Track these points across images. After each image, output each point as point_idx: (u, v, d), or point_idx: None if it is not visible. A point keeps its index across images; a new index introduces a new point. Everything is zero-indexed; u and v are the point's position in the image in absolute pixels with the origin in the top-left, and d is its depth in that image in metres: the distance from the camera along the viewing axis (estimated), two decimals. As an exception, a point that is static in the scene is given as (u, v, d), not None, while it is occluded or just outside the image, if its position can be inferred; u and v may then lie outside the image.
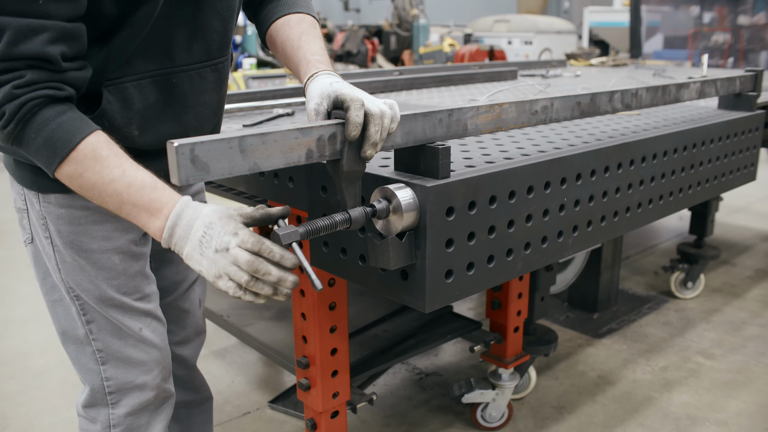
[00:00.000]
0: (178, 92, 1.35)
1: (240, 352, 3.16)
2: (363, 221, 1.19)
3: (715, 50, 7.03)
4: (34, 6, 1.07)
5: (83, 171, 1.13)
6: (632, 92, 1.78)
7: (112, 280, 1.41)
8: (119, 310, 1.44)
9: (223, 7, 1.37)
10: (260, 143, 1.04)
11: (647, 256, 4.45)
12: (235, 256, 1.08)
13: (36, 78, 1.09)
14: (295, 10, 1.49)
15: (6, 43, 1.06)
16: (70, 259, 1.39)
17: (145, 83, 1.30)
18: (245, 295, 1.12)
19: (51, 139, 1.11)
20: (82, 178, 1.13)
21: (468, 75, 3.31)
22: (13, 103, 1.09)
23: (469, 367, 2.98)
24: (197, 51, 1.36)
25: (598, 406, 2.68)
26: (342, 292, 1.81)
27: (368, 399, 2.02)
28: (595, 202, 1.64)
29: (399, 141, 1.24)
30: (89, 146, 1.12)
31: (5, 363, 3.09)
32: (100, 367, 1.47)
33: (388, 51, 11.22)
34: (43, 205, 1.37)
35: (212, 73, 1.41)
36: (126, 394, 1.50)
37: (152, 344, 1.49)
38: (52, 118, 1.11)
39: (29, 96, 1.09)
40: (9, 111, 1.09)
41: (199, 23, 1.34)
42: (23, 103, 1.09)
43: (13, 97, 1.09)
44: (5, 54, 1.07)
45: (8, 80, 1.08)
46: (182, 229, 1.12)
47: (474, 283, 1.36)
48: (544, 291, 2.52)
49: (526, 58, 10.30)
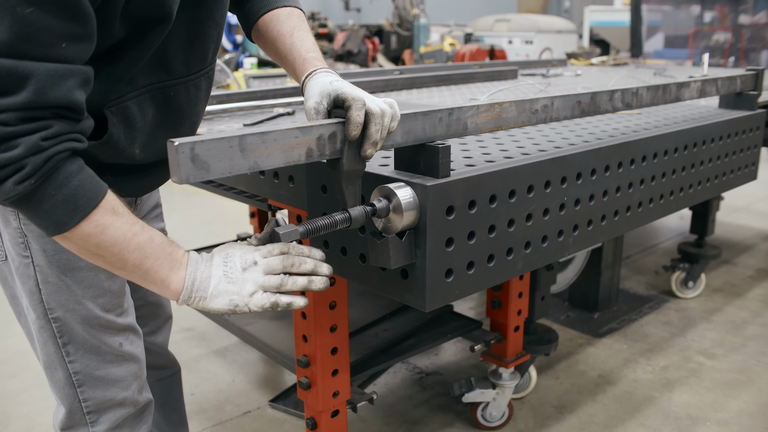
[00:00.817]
0: (174, 105, 1.32)
1: (240, 351, 3.16)
2: (363, 220, 1.19)
3: (715, 49, 7.02)
4: (59, 50, 0.99)
5: (105, 228, 1.07)
6: (633, 91, 1.78)
7: (98, 298, 1.38)
8: (102, 329, 1.40)
9: (220, 15, 1.35)
10: (260, 142, 1.04)
11: (648, 256, 4.44)
12: (266, 263, 1.14)
13: (62, 129, 1.02)
14: (282, 3, 1.47)
15: (34, 90, 0.96)
16: (55, 278, 1.33)
17: (143, 98, 1.26)
18: (282, 298, 1.15)
19: (74, 196, 1.03)
20: (103, 235, 1.07)
21: (468, 74, 3.31)
22: (39, 156, 0.98)
23: (469, 367, 2.98)
24: (194, 61, 1.33)
25: (599, 405, 2.68)
26: (342, 291, 1.81)
27: (368, 398, 2.02)
28: (595, 201, 1.64)
29: (399, 140, 1.24)
30: (109, 203, 1.08)
31: (7, 362, 3.09)
32: (76, 390, 1.42)
33: (388, 50, 11.22)
34: (24, 223, 1.30)
35: (205, 81, 1.39)
36: (106, 411, 1.46)
37: (131, 357, 1.47)
38: (74, 173, 1.04)
39: (57, 149, 1.01)
40: (32, 165, 0.98)
41: (198, 34, 1.31)
42: (50, 156, 1.00)
43: (39, 149, 0.98)
44: (33, 102, 0.97)
45: (34, 130, 0.98)
46: (202, 272, 1.15)
47: (474, 283, 1.36)
48: (544, 290, 2.52)
49: (526, 57, 10.30)
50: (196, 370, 2.99)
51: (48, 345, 1.39)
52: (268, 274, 1.15)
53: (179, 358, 3.08)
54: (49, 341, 1.38)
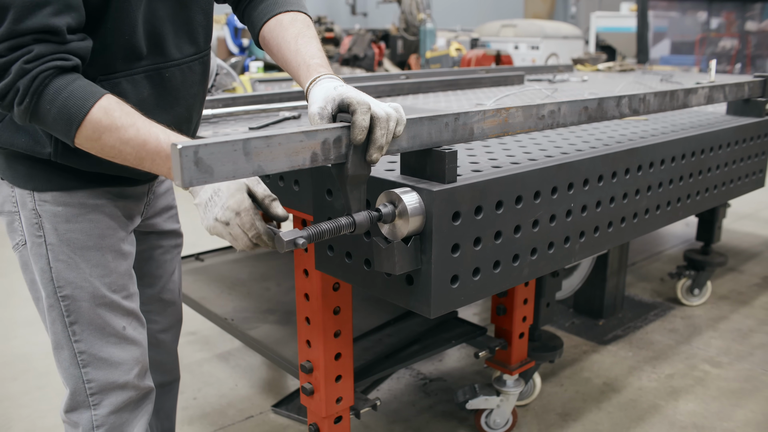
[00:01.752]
0: (170, 86, 1.41)
1: (244, 355, 3.15)
2: (367, 225, 1.18)
3: (722, 56, 7.01)
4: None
5: (100, 134, 1.16)
6: (640, 97, 1.77)
7: (104, 278, 1.46)
8: (108, 308, 1.48)
9: (205, 2, 1.46)
10: (265, 146, 1.03)
11: (653, 263, 4.42)
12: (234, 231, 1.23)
13: (44, 51, 1.13)
14: (285, 8, 1.47)
15: (11, 20, 1.10)
16: (65, 257, 1.42)
17: (138, 78, 1.35)
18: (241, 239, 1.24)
19: (65, 107, 1.14)
20: (101, 140, 1.17)
21: (475, 79, 3.31)
22: (25, 78, 1.12)
23: (473, 373, 2.96)
24: (186, 46, 1.44)
25: (603, 413, 2.66)
26: (347, 296, 1.80)
27: (372, 404, 2.01)
28: (602, 208, 1.63)
29: (405, 145, 1.23)
30: (101, 110, 1.16)
31: (9, 364, 3.09)
32: (80, 371, 1.50)
33: (394, 55, 11.22)
34: (38, 204, 1.40)
35: (200, 66, 1.49)
36: (108, 394, 1.53)
37: (134, 342, 1.54)
38: (63, 87, 1.15)
39: (39, 69, 1.13)
40: (23, 86, 1.12)
41: (185, 19, 1.42)
42: (35, 76, 1.12)
43: (25, 72, 1.12)
44: (12, 31, 1.10)
45: (17, 57, 1.12)
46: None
47: (480, 289, 1.35)
48: (549, 297, 2.51)
49: (532, 63, 10.30)
50: (198, 374, 2.99)
51: (56, 324, 1.47)
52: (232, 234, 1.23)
53: (182, 363, 3.06)
54: (57, 320, 1.46)
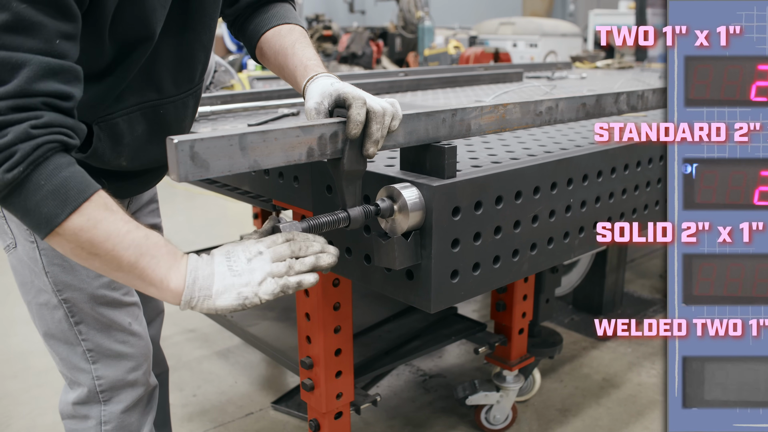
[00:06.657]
0: (164, 121, 1.39)
1: (243, 352, 3.15)
2: (362, 220, 1.19)
3: (721, 53, 6.99)
4: (53, 45, 1.01)
5: (97, 222, 1.03)
6: (638, 94, 1.77)
7: (102, 277, 1.43)
8: (109, 307, 1.46)
9: (207, 39, 1.42)
10: (261, 141, 1.03)
11: (652, 259, 4.43)
12: (273, 251, 1.10)
13: (53, 120, 1.01)
14: (284, 21, 1.50)
15: (26, 78, 0.98)
16: (59, 260, 1.39)
17: (134, 116, 1.33)
18: (290, 279, 1.10)
19: (63, 187, 1.01)
20: (96, 229, 1.03)
21: (473, 76, 3.30)
22: (28, 143, 0.98)
23: (473, 369, 2.97)
24: (183, 81, 1.41)
25: (603, 409, 2.66)
26: (346, 292, 1.80)
27: (372, 400, 2.01)
28: (601, 204, 1.63)
29: (402, 140, 1.23)
30: (101, 198, 1.05)
31: (8, 362, 3.09)
32: (91, 366, 1.49)
33: (393, 53, 11.21)
34: None
35: (192, 99, 1.47)
36: (118, 391, 1.52)
37: (140, 336, 1.53)
38: (64, 165, 1.02)
39: (46, 139, 1.00)
40: (22, 152, 0.98)
41: (186, 56, 1.38)
42: (39, 144, 0.99)
43: (30, 137, 0.98)
44: (24, 90, 0.98)
45: (23, 119, 0.99)
46: (203, 270, 1.09)
47: (480, 284, 1.35)
48: (549, 293, 2.51)
49: (531, 60, 10.29)
50: (198, 371, 2.99)
51: (62, 323, 1.45)
52: (276, 261, 1.10)
53: (181, 360, 3.08)
54: (63, 320, 1.45)
